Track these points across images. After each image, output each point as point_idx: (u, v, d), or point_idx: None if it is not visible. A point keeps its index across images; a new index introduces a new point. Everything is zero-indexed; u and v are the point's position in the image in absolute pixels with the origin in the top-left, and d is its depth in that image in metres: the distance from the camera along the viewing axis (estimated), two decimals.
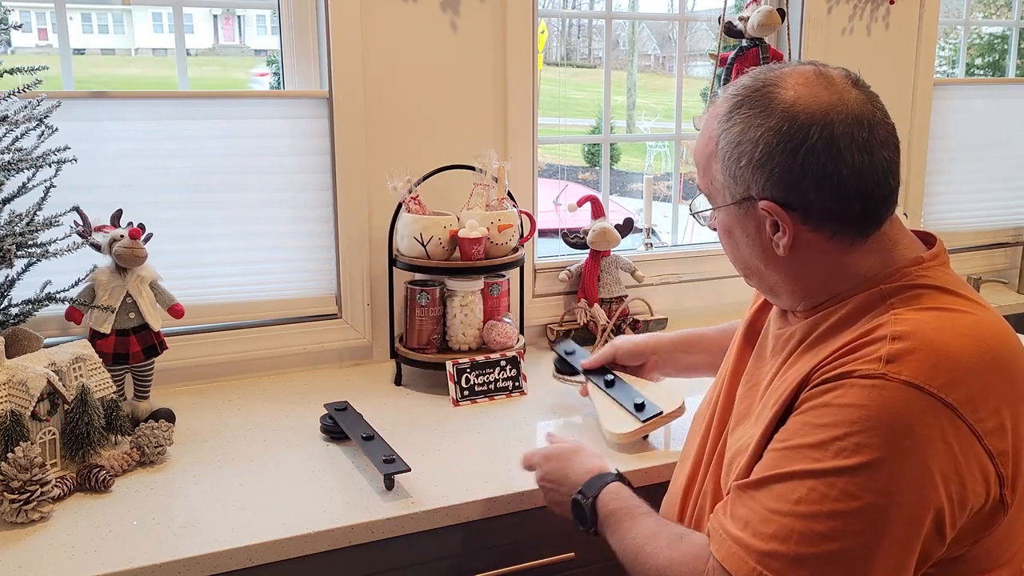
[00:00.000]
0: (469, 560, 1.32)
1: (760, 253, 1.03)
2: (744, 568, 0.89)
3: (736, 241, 1.05)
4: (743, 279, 1.12)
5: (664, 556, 1.01)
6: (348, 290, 1.90)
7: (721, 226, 1.07)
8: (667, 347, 1.55)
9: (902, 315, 0.93)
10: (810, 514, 0.86)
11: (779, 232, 0.99)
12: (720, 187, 1.03)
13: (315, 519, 1.23)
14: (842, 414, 0.88)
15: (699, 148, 1.06)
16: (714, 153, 1.02)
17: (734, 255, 1.08)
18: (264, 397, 1.73)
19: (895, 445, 0.84)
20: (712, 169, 1.03)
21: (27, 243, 1.44)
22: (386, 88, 1.87)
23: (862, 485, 0.85)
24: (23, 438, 1.28)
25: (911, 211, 2.51)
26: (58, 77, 1.67)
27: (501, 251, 1.76)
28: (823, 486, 0.86)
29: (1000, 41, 3.88)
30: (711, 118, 1.04)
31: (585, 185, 6.84)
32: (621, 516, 1.11)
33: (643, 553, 1.04)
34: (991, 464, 0.87)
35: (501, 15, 1.94)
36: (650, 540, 1.05)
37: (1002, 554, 0.94)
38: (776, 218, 0.98)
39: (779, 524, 0.88)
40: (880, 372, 0.87)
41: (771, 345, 1.09)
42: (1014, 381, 0.92)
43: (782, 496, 0.89)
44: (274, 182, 1.83)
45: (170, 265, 1.64)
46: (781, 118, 0.96)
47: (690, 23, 2.41)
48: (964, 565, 0.92)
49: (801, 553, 0.86)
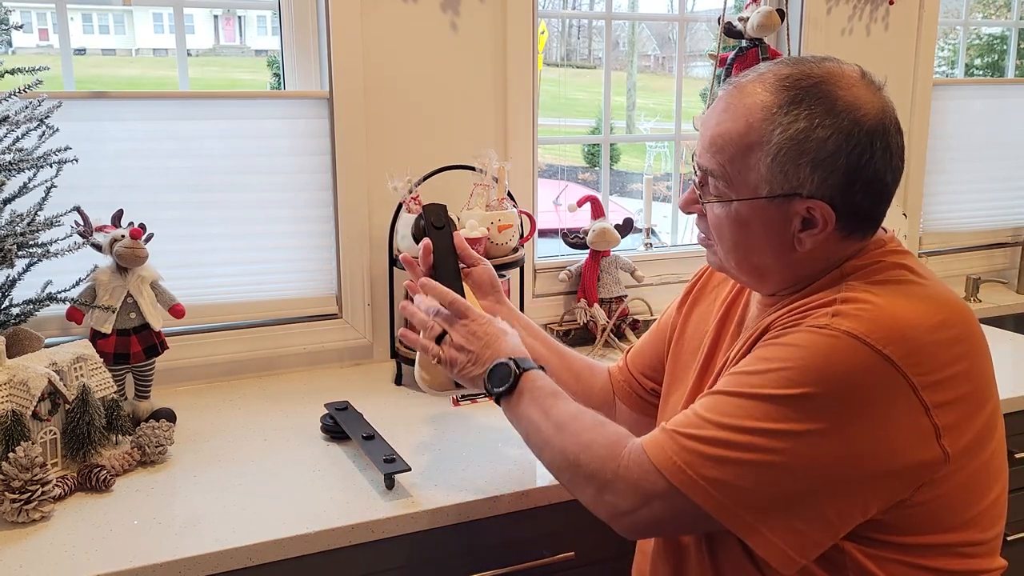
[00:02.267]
0: (469, 560, 1.32)
1: (775, 247, 1.02)
2: (661, 456, 0.95)
3: (747, 232, 1.03)
4: (717, 263, 1.10)
5: (585, 437, 1.04)
6: (348, 290, 1.90)
7: (732, 216, 1.02)
8: (517, 315, 1.42)
9: (854, 287, 0.98)
10: (733, 427, 0.93)
11: (811, 229, 1.00)
12: (757, 179, 0.99)
13: (315, 519, 1.23)
14: (785, 351, 0.94)
15: (729, 134, 1.00)
16: (759, 144, 0.98)
17: (736, 244, 1.04)
18: (264, 397, 1.73)
19: (824, 386, 0.90)
20: (750, 159, 0.99)
21: (28, 243, 1.44)
22: (386, 88, 1.87)
23: (786, 414, 0.91)
24: (24, 438, 1.28)
25: (911, 211, 2.51)
26: (59, 77, 1.67)
27: (501, 251, 1.77)
28: (750, 406, 0.93)
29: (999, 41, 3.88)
30: (754, 107, 0.99)
31: (585, 185, 6.83)
32: (547, 393, 1.11)
33: (564, 430, 1.06)
34: (925, 415, 0.91)
35: (501, 15, 1.94)
36: (572, 420, 1.07)
37: (963, 511, 0.97)
38: (819, 217, 0.99)
39: (705, 429, 0.94)
40: (825, 324, 0.93)
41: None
42: (966, 344, 0.95)
43: (714, 408, 0.96)
44: (274, 182, 1.83)
45: (171, 265, 1.64)
46: (849, 121, 0.96)
47: (690, 24, 2.41)
48: (915, 514, 0.95)
49: (718, 454, 0.92)
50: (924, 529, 0.96)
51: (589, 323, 2.05)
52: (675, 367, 1.28)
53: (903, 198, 2.50)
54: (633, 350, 1.41)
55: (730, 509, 0.92)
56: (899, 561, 0.96)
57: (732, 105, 1.02)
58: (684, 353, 1.27)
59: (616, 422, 1.41)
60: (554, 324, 2.08)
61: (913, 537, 0.96)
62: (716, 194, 1.04)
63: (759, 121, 0.98)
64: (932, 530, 0.96)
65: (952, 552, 0.97)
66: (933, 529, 0.96)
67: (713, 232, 1.07)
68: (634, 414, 1.38)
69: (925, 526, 0.96)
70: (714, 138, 1.02)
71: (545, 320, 2.08)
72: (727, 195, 1.02)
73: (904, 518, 0.95)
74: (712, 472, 0.92)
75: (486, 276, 1.39)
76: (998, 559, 1.01)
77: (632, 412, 1.39)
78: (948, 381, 0.92)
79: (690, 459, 0.93)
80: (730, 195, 1.02)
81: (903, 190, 2.50)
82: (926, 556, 0.96)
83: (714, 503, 0.92)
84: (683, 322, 1.30)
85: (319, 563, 1.22)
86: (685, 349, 1.27)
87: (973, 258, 2.70)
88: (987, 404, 0.97)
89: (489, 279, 1.39)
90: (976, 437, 0.95)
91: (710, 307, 1.26)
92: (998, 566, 1.01)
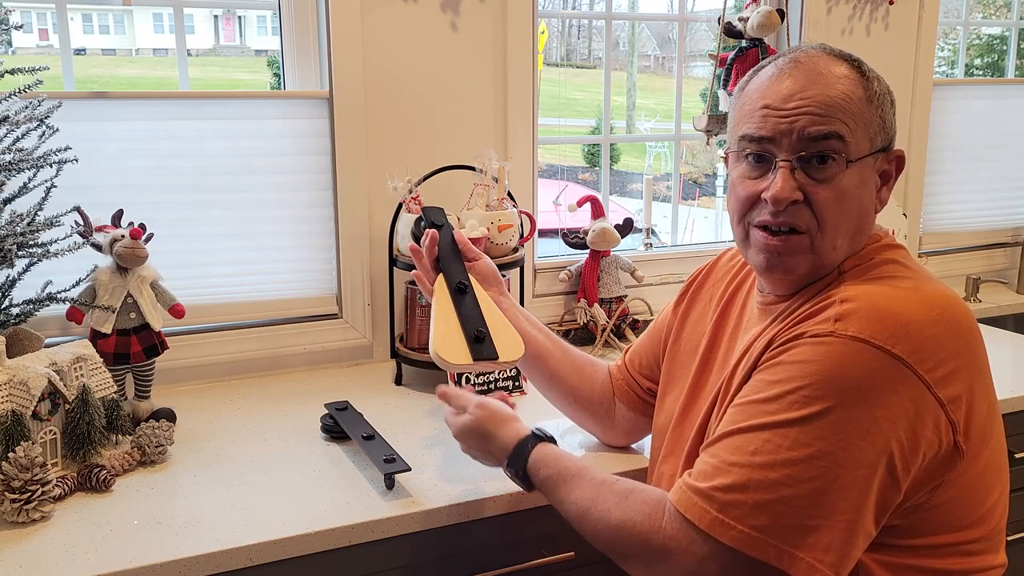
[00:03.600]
0: (469, 560, 1.32)
1: (869, 209, 1.04)
2: (706, 517, 0.92)
3: (857, 198, 1.01)
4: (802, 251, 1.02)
5: (615, 517, 1.02)
6: (348, 290, 1.90)
7: (854, 181, 1.00)
8: (518, 308, 1.43)
9: (852, 285, 0.98)
10: (766, 464, 0.90)
11: (888, 183, 1.04)
12: (874, 133, 1.01)
13: (315, 519, 1.23)
14: (793, 370, 0.93)
15: (845, 94, 0.99)
16: (869, 98, 1.00)
17: (848, 213, 1.01)
18: (264, 397, 1.73)
19: (843, 396, 0.89)
20: (865, 115, 1.00)
21: (28, 243, 1.44)
22: (386, 88, 1.87)
23: (813, 434, 0.89)
24: (24, 438, 1.28)
25: (911, 211, 2.51)
26: (59, 77, 1.67)
27: (501, 251, 1.77)
28: (777, 437, 0.91)
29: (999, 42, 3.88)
30: (839, 72, 1.00)
31: (585, 185, 6.84)
32: (555, 483, 1.12)
33: (590, 517, 1.05)
34: (942, 412, 0.91)
35: (501, 15, 1.94)
36: (594, 504, 1.05)
37: (973, 510, 0.97)
38: (893, 169, 1.03)
39: (737, 474, 0.92)
40: (829, 330, 0.92)
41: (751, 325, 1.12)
42: (964, 336, 0.95)
43: (739, 448, 0.93)
44: (274, 182, 1.83)
45: (171, 265, 1.64)
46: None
47: (690, 24, 2.41)
48: (931, 516, 0.95)
49: (759, 500, 0.90)
50: (937, 530, 0.96)
51: (589, 323, 2.05)
52: (672, 367, 1.28)
53: (903, 198, 2.50)
54: (631, 350, 1.41)
55: (781, 549, 0.89)
56: (910, 566, 0.96)
57: (818, 74, 1.00)
58: (681, 354, 1.27)
59: (615, 421, 1.41)
60: (554, 324, 2.08)
61: (926, 539, 0.96)
62: (848, 158, 0.99)
63: (857, 79, 1.01)
64: (944, 531, 0.96)
65: (960, 551, 0.97)
66: (945, 530, 0.96)
67: (823, 213, 1.00)
68: (632, 413, 1.39)
69: (938, 527, 0.96)
70: (830, 102, 0.99)
71: (545, 320, 2.07)
72: (858, 153, 1.00)
73: (920, 521, 0.95)
74: (760, 520, 0.89)
75: (488, 270, 1.39)
76: (1001, 555, 1.02)
77: (630, 411, 1.39)
78: (953, 375, 0.92)
79: (735, 514, 0.90)
80: (860, 153, 1.00)
81: (903, 190, 2.50)
82: (936, 556, 0.96)
83: (769, 550, 0.89)
84: (679, 323, 1.30)
85: (319, 563, 1.22)
86: (682, 350, 1.27)
87: (973, 258, 2.70)
88: (988, 398, 0.97)
89: (491, 273, 1.40)
90: (981, 431, 0.95)
91: (706, 308, 1.26)
92: (1000, 562, 1.01)
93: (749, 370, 1.01)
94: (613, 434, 1.43)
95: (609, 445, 1.46)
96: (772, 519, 0.89)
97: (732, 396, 1.03)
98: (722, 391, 1.08)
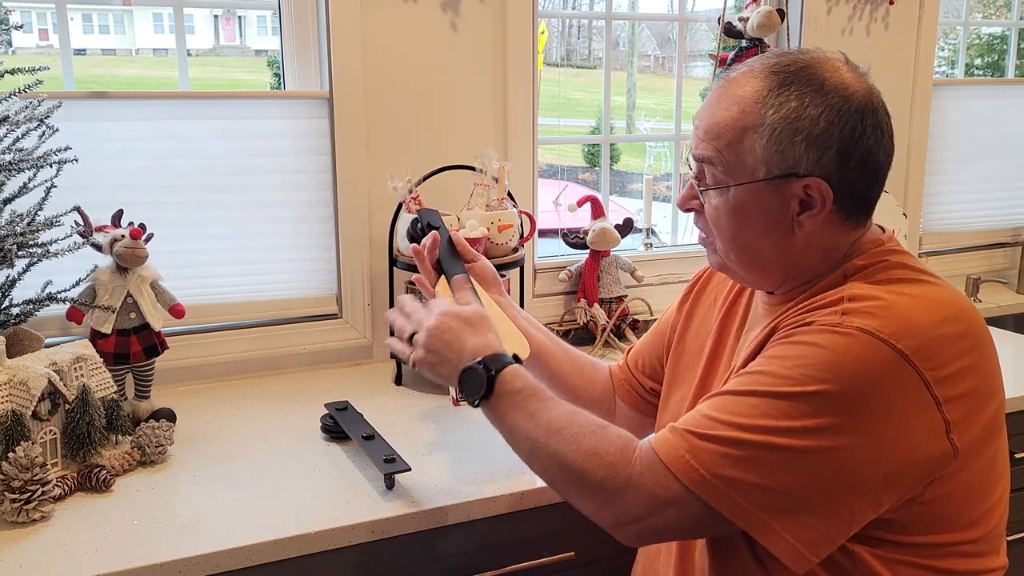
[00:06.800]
0: (469, 560, 1.33)
1: (775, 234, 1.03)
2: (675, 458, 0.94)
3: (747, 219, 1.03)
4: (718, 262, 1.09)
5: (587, 442, 1.00)
6: (348, 290, 1.90)
7: (731, 204, 1.03)
8: (517, 310, 1.41)
9: (860, 285, 0.99)
10: (748, 426, 0.92)
11: (810, 211, 1.01)
12: (754, 162, 1.00)
13: (315, 519, 1.23)
14: (798, 349, 0.94)
15: (724, 121, 1.02)
16: (754, 127, 1.00)
17: (735, 235, 1.04)
18: (264, 397, 1.73)
19: (840, 381, 0.90)
20: (745, 143, 1.00)
21: (28, 243, 1.44)
22: (386, 88, 1.87)
23: (802, 410, 0.90)
24: (24, 438, 1.28)
25: (911, 211, 2.51)
26: (59, 77, 1.67)
27: (501, 251, 1.77)
28: (764, 404, 0.92)
29: (999, 41, 3.88)
30: (745, 95, 1.01)
31: (585, 185, 6.83)
32: (528, 395, 1.07)
33: (560, 435, 1.01)
34: (937, 410, 0.91)
35: (501, 15, 1.94)
36: (568, 424, 1.02)
37: (971, 510, 0.97)
38: (816, 196, 1.00)
39: (720, 430, 0.93)
40: (836, 321, 0.93)
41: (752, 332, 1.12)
42: (971, 339, 0.96)
43: (726, 408, 0.95)
44: (274, 182, 1.83)
45: (171, 265, 1.64)
46: (839, 98, 0.99)
47: (690, 24, 2.41)
48: (925, 512, 0.95)
49: (731, 453, 0.91)
50: (933, 528, 0.96)
51: (589, 323, 2.05)
52: (676, 368, 1.28)
53: (903, 198, 2.50)
54: (633, 350, 1.41)
55: (746, 509, 0.90)
56: (908, 562, 0.96)
57: (724, 95, 1.03)
58: (685, 354, 1.27)
59: (616, 421, 1.41)
60: (554, 324, 2.08)
61: (922, 537, 0.95)
62: (714, 183, 1.04)
63: (751, 105, 1.00)
64: (941, 529, 0.96)
65: (959, 552, 0.97)
66: (942, 528, 0.96)
67: (712, 226, 1.06)
68: (634, 413, 1.39)
69: (934, 525, 0.96)
70: (709, 127, 1.03)
71: (545, 320, 2.07)
72: (725, 181, 1.03)
73: (914, 517, 0.95)
74: (728, 472, 0.91)
75: (487, 272, 1.39)
76: (1001, 557, 1.02)
77: (632, 411, 1.39)
78: (956, 376, 0.92)
79: (706, 460, 0.92)
80: (728, 181, 1.02)
81: (903, 190, 2.50)
82: (934, 556, 0.96)
83: (729, 503, 0.91)
84: (684, 323, 1.29)
85: (319, 563, 1.22)
86: (687, 350, 1.27)
87: (973, 258, 2.70)
88: (993, 400, 0.97)
89: (490, 274, 1.40)
90: (983, 432, 0.95)
91: (711, 308, 1.26)
92: (1001, 564, 1.01)
93: (753, 355, 1.02)
94: None
95: None
96: (740, 474, 0.90)
97: None
98: None
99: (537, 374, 1.40)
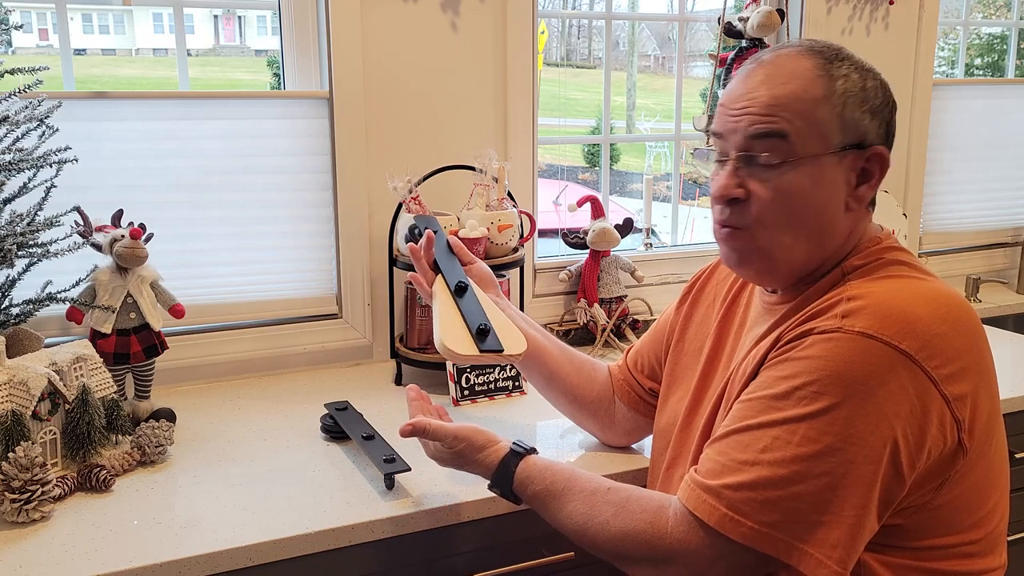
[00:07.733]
0: (469, 560, 1.32)
1: (828, 209, 1.01)
2: (716, 514, 0.93)
3: (807, 196, 1.00)
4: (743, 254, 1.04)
5: (615, 528, 1.01)
6: (348, 290, 1.90)
7: (798, 179, 0.99)
8: (515, 311, 1.42)
9: (858, 284, 0.99)
10: (776, 460, 0.91)
11: (868, 182, 1.03)
12: (829, 132, 0.99)
13: (315, 519, 1.23)
14: (801, 365, 0.93)
15: (792, 93, 0.99)
16: (826, 97, 0.99)
17: (792, 214, 1.00)
18: (264, 397, 1.73)
19: (850, 391, 0.90)
20: (819, 113, 0.98)
21: (28, 243, 1.44)
22: (386, 88, 1.87)
23: (821, 429, 0.90)
24: (24, 438, 1.28)
25: (911, 211, 2.51)
26: (59, 77, 1.67)
27: (501, 251, 1.77)
28: (786, 433, 0.91)
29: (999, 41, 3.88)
30: (800, 68, 0.99)
31: (585, 185, 6.84)
32: (545, 499, 1.11)
33: (588, 531, 1.05)
34: (947, 409, 0.91)
35: (501, 15, 1.94)
36: (590, 517, 1.05)
37: (974, 512, 0.97)
38: (876, 166, 1.02)
39: (748, 472, 0.92)
40: (836, 327, 0.93)
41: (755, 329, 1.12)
42: (970, 336, 0.96)
43: (748, 446, 0.93)
44: (274, 182, 1.83)
45: (171, 265, 1.64)
46: (880, 77, 1.05)
47: (690, 24, 2.41)
48: (934, 516, 0.95)
49: (770, 496, 0.90)
50: (939, 531, 0.96)
51: (589, 323, 2.05)
52: (675, 368, 1.28)
53: (903, 198, 2.50)
54: (632, 350, 1.41)
55: (791, 544, 0.90)
56: (913, 567, 0.96)
57: (774, 73, 1.01)
58: (685, 355, 1.26)
59: (615, 420, 1.41)
60: (554, 324, 2.08)
61: (928, 540, 0.96)
62: (782, 158, 0.99)
63: (816, 77, 1.00)
64: (945, 532, 0.96)
65: (960, 552, 0.97)
66: (946, 531, 0.96)
67: (762, 211, 1.01)
68: (633, 413, 1.39)
69: (941, 528, 0.96)
70: (774, 100, 0.99)
71: (545, 320, 2.08)
72: (796, 154, 0.99)
73: (924, 521, 0.95)
74: (771, 516, 0.90)
75: (484, 273, 1.40)
76: (1001, 556, 1.02)
77: (631, 411, 1.39)
78: (959, 374, 0.92)
79: (748, 512, 0.91)
80: (801, 153, 0.99)
81: (903, 190, 2.50)
82: (937, 558, 0.96)
83: (779, 545, 0.90)
84: (683, 323, 1.29)
85: (319, 563, 1.22)
86: (686, 351, 1.27)
87: (973, 258, 2.70)
88: (991, 398, 0.97)
89: (487, 276, 1.40)
90: (985, 431, 0.96)
91: (710, 308, 1.26)
92: (1000, 564, 1.01)
93: (755, 368, 1.01)
94: (613, 434, 1.43)
95: (609, 445, 1.46)
96: (782, 515, 0.90)
97: (737, 395, 1.03)
98: (727, 391, 1.08)
99: (536, 374, 1.41)
